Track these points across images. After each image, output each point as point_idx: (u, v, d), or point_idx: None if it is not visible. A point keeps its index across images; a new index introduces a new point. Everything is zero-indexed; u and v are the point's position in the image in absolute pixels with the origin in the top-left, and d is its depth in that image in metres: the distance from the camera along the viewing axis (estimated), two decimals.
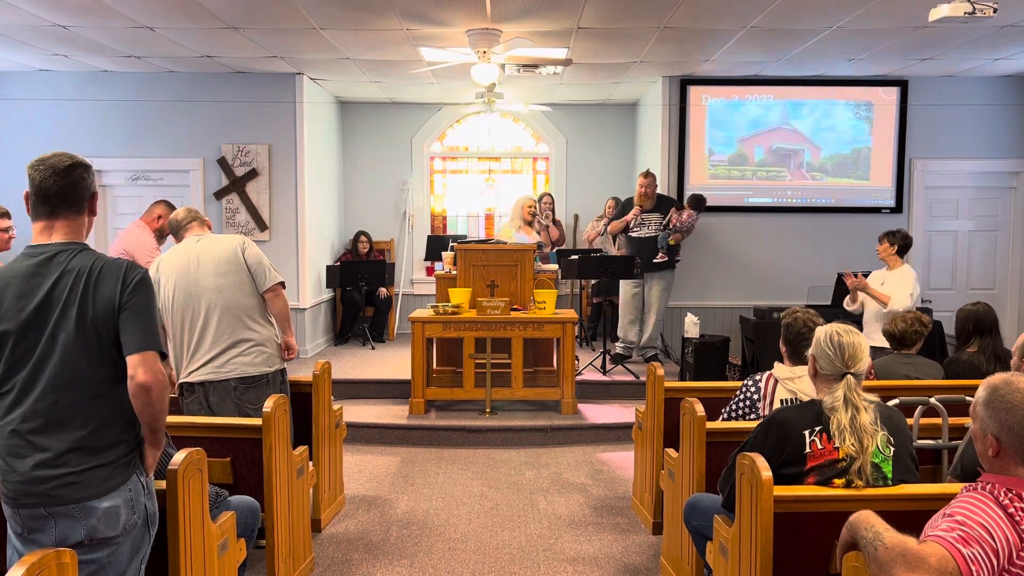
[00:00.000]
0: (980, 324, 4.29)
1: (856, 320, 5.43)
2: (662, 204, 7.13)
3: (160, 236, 5.03)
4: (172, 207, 4.89)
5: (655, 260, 6.95)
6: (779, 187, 7.84)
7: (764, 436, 2.53)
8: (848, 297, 5.56)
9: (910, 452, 2.53)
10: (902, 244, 5.38)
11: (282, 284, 3.85)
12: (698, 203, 7.15)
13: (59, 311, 2.03)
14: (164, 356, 2.13)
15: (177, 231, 3.98)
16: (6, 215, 4.28)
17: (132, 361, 2.06)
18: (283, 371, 3.87)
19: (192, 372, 3.68)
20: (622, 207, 7.33)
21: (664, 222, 7.02)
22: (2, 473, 2.04)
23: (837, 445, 2.42)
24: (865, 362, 2.57)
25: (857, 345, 2.57)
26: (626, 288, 7.16)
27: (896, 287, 5.28)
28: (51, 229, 2.11)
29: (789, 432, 2.48)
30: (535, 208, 7.45)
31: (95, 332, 2.04)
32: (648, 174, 7.09)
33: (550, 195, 8.53)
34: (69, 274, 2.05)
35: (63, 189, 2.09)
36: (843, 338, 2.58)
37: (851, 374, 2.52)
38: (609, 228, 7.35)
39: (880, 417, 2.49)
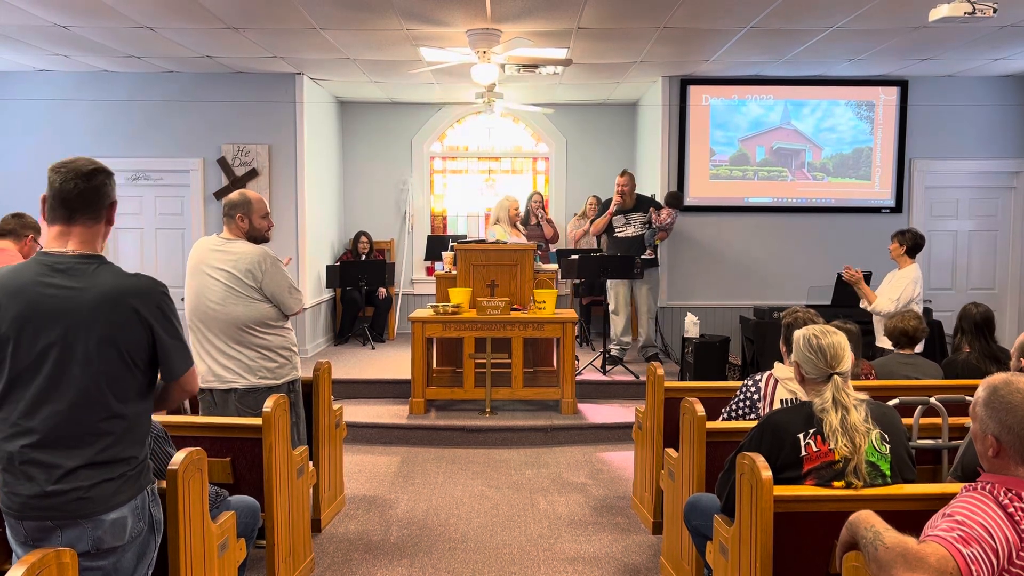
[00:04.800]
0: (966, 322, 4.28)
1: (867, 320, 5.39)
2: (643, 203, 7.16)
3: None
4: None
5: (644, 257, 6.98)
6: (780, 187, 7.84)
7: (759, 440, 2.52)
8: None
9: (906, 448, 2.52)
10: (911, 244, 5.30)
11: None
12: (676, 200, 7.17)
13: (76, 329, 1.95)
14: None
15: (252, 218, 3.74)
16: None
17: (181, 380, 2.16)
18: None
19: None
20: (602, 207, 7.36)
21: (647, 221, 7.06)
22: (7, 487, 1.99)
23: (832, 447, 2.42)
24: (848, 360, 2.56)
25: (838, 345, 2.55)
26: (616, 290, 7.16)
27: (888, 288, 5.26)
28: (67, 235, 2.04)
29: (783, 436, 2.47)
30: (519, 208, 7.41)
31: (119, 355, 1.99)
32: (625, 173, 7.13)
33: (540, 194, 8.53)
34: (90, 290, 1.97)
35: (84, 193, 2.04)
36: (822, 340, 2.56)
37: (837, 374, 2.51)
38: (592, 229, 7.35)
39: (872, 415, 2.48)
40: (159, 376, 2.17)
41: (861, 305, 5.46)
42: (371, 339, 8.36)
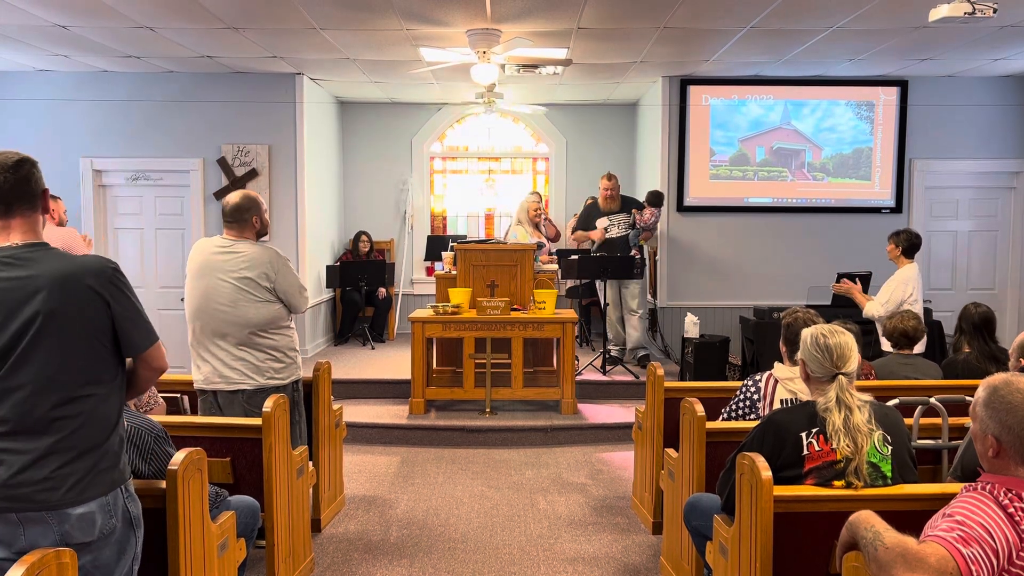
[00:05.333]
0: (965, 322, 4.28)
1: (868, 320, 5.38)
2: (626, 204, 7.18)
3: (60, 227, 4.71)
4: (53, 196, 4.61)
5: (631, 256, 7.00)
6: (780, 187, 7.83)
7: (761, 439, 2.52)
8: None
9: (908, 450, 2.52)
10: (907, 245, 5.29)
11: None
12: (658, 199, 7.16)
13: (35, 316, 1.96)
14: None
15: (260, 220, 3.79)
16: None
17: (147, 356, 2.15)
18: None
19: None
20: (587, 212, 7.35)
21: (631, 222, 7.07)
22: None
23: (834, 447, 2.42)
24: (855, 360, 2.55)
25: (845, 345, 2.55)
26: (603, 291, 7.16)
27: (881, 292, 5.25)
28: (8, 229, 2.05)
29: (785, 435, 2.47)
30: (540, 208, 7.49)
31: (80, 337, 1.99)
32: (610, 176, 7.13)
33: (538, 193, 8.56)
34: (42, 276, 1.98)
35: (16, 186, 2.04)
36: (829, 339, 2.56)
37: (842, 374, 2.51)
38: (574, 237, 7.37)
39: (875, 416, 2.48)
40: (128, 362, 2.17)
41: (874, 313, 5.42)
42: (371, 339, 8.36)
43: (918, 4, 5.13)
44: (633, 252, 7.07)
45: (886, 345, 4.75)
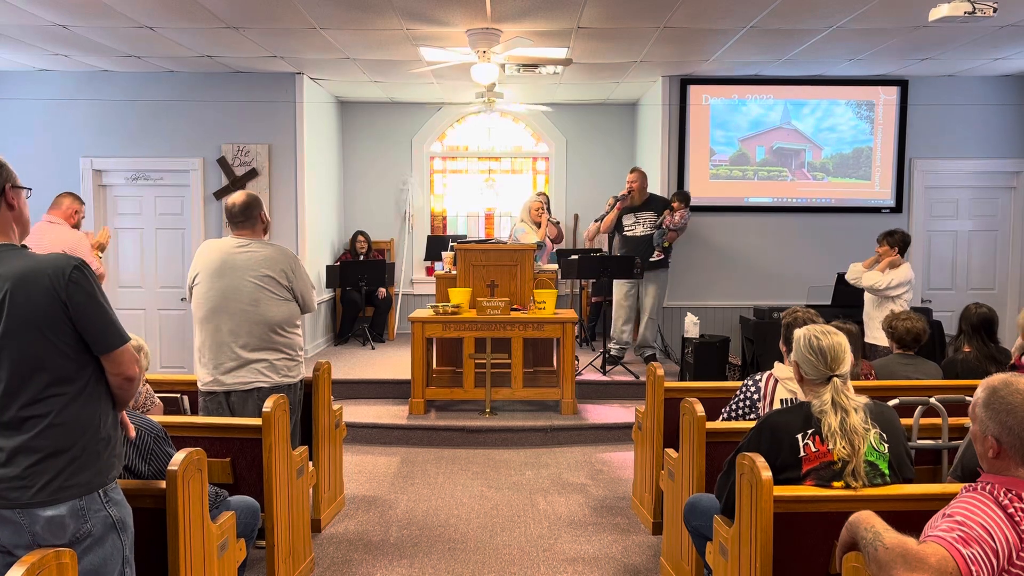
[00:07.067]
0: (965, 322, 4.29)
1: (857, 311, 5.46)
2: (655, 203, 7.15)
3: (76, 229, 4.94)
4: (80, 199, 5.01)
5: (652, 259, 6.96)
6: (780, 187, 7.83)
7: (757, 441, 2.51)
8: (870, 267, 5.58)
9: (905, 447, 2.52)
10: (902, 244, 5.43)
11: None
12: (687, 198, 7.16)
13: None
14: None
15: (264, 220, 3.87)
16: None
17: (112, 359, 2.07)
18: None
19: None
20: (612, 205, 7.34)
21: (658, 222, 7.04)
22: None
23: (830, 447, 2.41)
24: (848, 361, 2.53)
25: (838, 346, 2.53)
26: (619, 289, 7.14)
27: (879, 274, 5.40)
28: None
29: (781, 437, 2.46)
30: (541, 208, 7.49)
31: (42, 336, 1.98)
32: (636, 170, 7.11)
33: (545, 194, 8.56)
34: (3, 279, 1.98)
35: None
36: (822, 341, 2.53)
37: (836, 376, 2.50)
38: (602, 226, 7.35)
39: (871, 415, 2.47)
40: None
41: (865, 283, 5.48)
42: (371, 339, 8.36)
43: (918, 4, 5.13)
44: (656, 253, 7.01)
45: (882, 339, 4.78)
